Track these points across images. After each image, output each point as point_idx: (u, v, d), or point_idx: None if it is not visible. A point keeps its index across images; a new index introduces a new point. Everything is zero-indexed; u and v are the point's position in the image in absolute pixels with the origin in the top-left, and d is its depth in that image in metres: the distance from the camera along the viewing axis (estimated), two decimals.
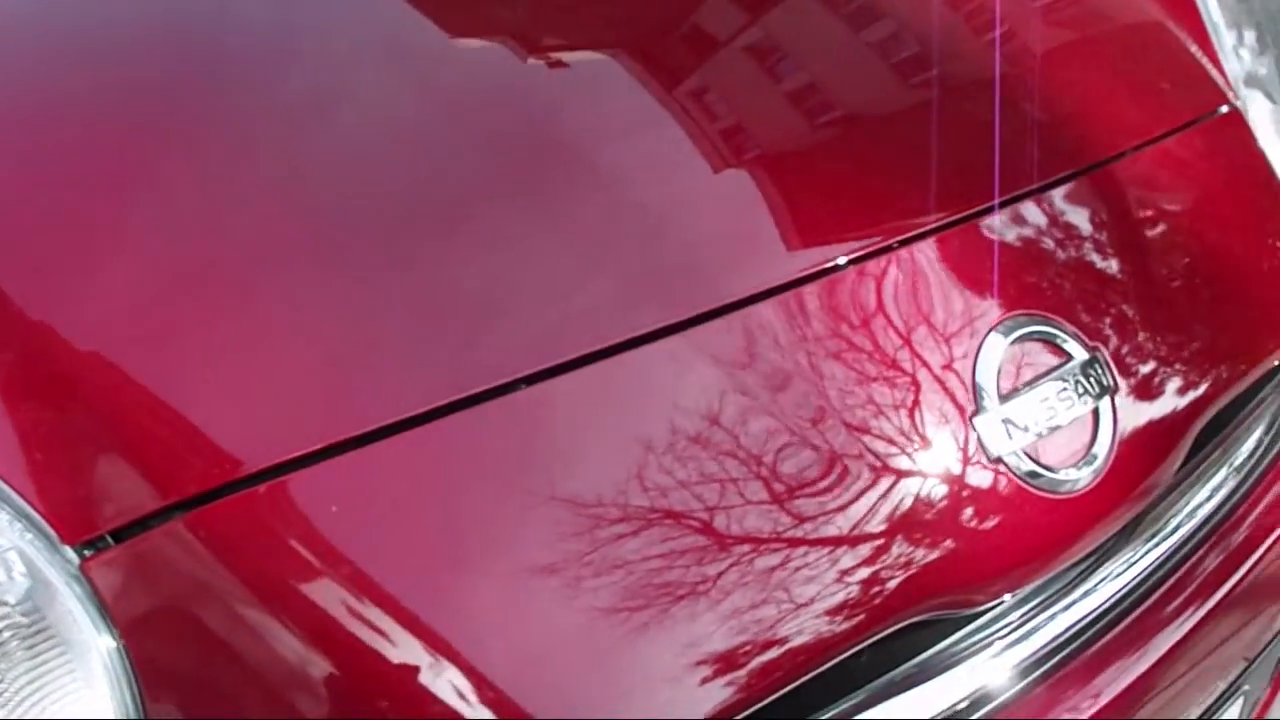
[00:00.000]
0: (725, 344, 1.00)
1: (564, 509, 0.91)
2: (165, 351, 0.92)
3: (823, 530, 0.96)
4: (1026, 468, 1.04)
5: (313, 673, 0.85)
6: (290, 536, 0.87)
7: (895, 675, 1.02)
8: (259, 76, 1.12)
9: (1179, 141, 1.42)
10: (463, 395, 0.91)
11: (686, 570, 0.91)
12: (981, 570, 1.01)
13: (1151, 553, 1.19)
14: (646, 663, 0.89)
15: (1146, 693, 1.17)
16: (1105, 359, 1.12)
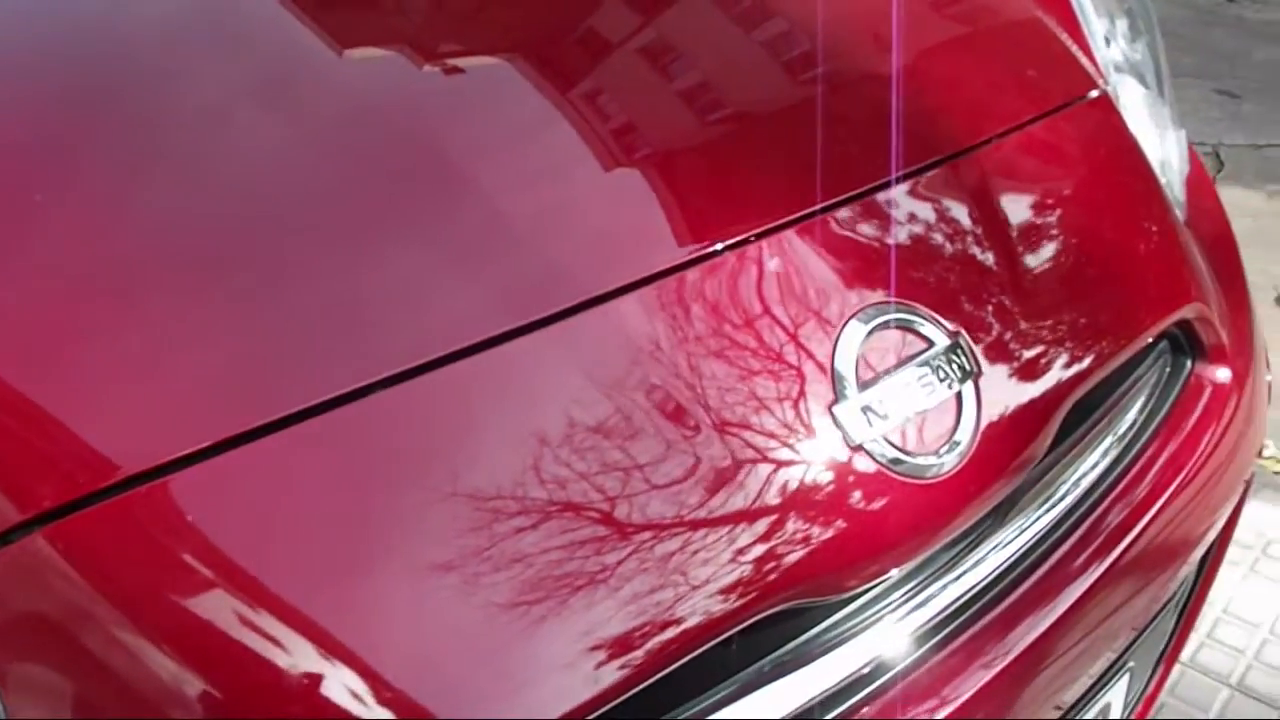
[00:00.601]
0: (590, 339, 1.01)
1: (433, 504, 0.91)
2: (23, 364, 0.91)
3: (692, 521, 0.96)
4: (890, 454, 1.05)
5: (188, 685, 0.84)
6: (157, 546, 0.86)
7: (765, 663, 1.02)
8: (137, 90, 1.11)
9: (1046, 126, 1.44)
10: (329, 396, 0.91)
11: (560, 564, 0.92)
12: (853, 556, 1.02)
13: (1034, 524, 1.20)
14: (530, 654, 0.89)
15: (1041, 660, 1.18)
16: (967, 344, 1.13)
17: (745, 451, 1.00)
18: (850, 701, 1.06)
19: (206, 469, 0.87)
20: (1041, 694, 1.21)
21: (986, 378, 1.14)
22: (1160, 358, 1.47)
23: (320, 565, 0.88)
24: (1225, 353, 1.51)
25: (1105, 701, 1.37)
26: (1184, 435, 1.44)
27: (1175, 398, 1.46)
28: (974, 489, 1.09)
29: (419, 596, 0.88)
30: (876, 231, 1.17)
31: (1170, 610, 1.55)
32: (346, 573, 0.88)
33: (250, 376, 0.92)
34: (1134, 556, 1.31)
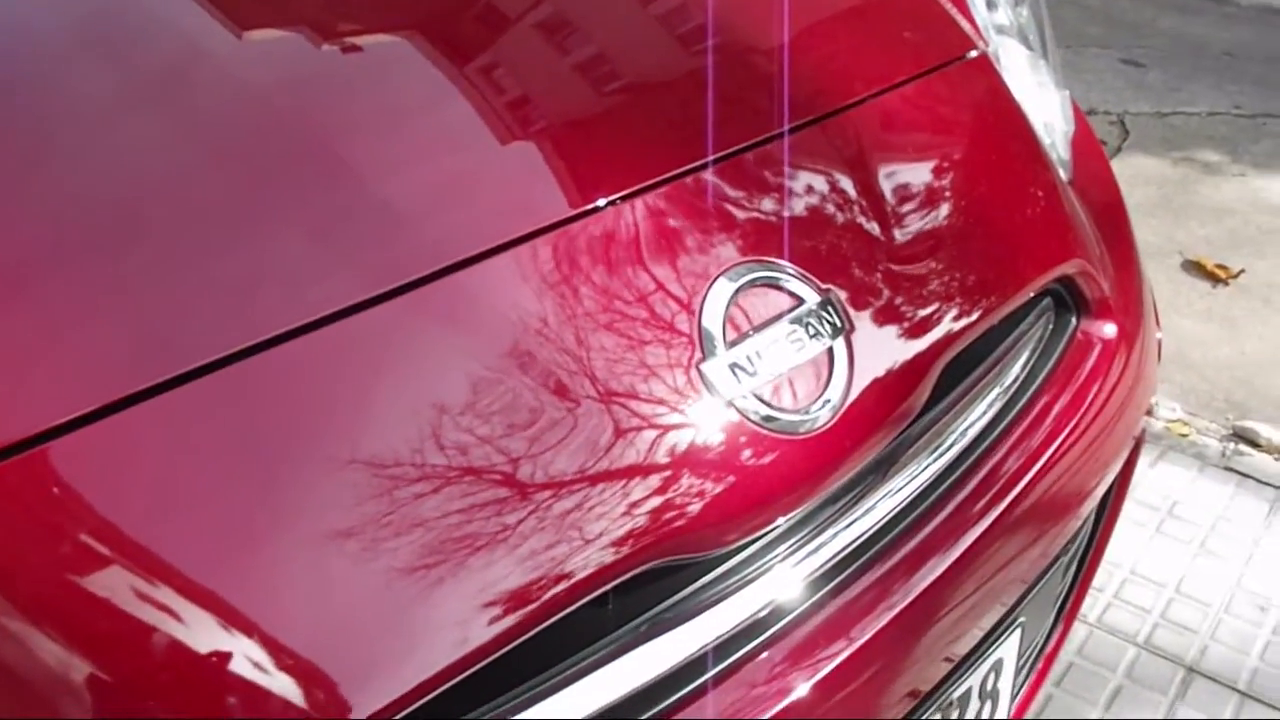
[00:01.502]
0: (461, 301, 1.01)
1: (310, 466, 0.91)
2: None
3: (565, 481, 0.96)
4: (761, 411, 1.05)
5: (75, 664, 0.82)
6: (40, 516, 0.84)
7: (642, 622, 1.03)
8: (22, 78, 1.09)
9: (923, 85, 1.44)
10: (206, 362, 0.90)
11: (433, 528, 0.91)
12: (727, 512, 1.02)
13: (919, 476, 1.21)
14: (406, 616, 0.89)
15: (930, 611, 1.19)
16: (839, 300, 1.13)
17: (616, 410, 0.99)
18: (732, 657, 1.06)
19: (88, 435, 0.86)
20: (932, 646, 1.22)
21: (859, 334, 1.14)
22: (1044, 314, 1.48)
23: (208, 533, 0.87)
24: (1110, 308, 1.52)
25: (997, 657, 1.37)
26: (1071, 390, 1.45)
27: (1060, 353, 1.47)
28: (849, 443, 1.10)
29: (303, 563, 0.87)
30: (747, 191, 1.17)
31: (1063, 566, 1.56)
32: (232, 540, 0.88)
33: (128, 345, 0.91)
34: (1022, 510, 1.32)
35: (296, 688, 0.84)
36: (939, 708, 1.29)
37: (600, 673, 0.99)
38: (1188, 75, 5.02)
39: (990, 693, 1.39)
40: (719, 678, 1.06)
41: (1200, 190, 4.02)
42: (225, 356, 0.92)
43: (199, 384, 0.90)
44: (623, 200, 1.10)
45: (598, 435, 0.98)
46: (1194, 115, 4.64)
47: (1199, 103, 4.73)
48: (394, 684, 0.87)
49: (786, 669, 1.08)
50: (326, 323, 0.96)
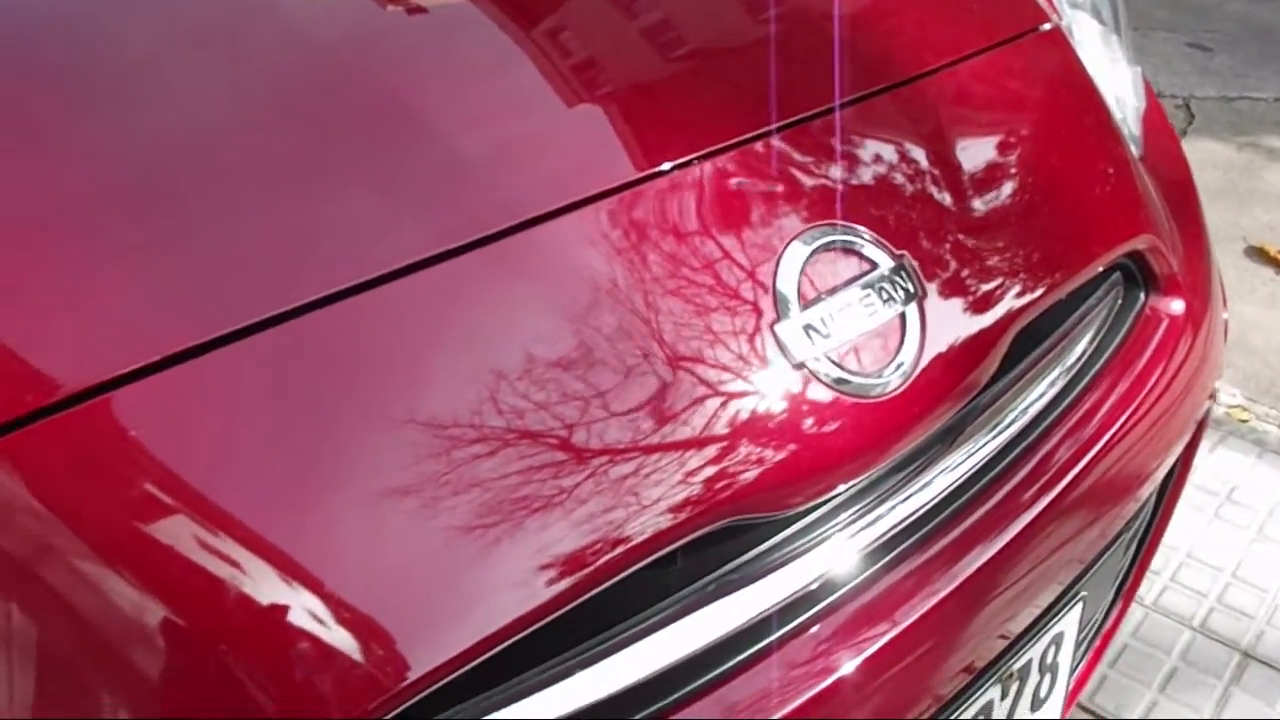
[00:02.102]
0: (532, 257, 1.01)
1: (377, 423, 0.91)
2: None
3: (634, 439, 0.97)
4: (834, 374, 1.05)
5: (142, 608, 0.83)
6: (105, 463, 0.85)
7: (709, 582, 1.03)
8: (86, 26, 1.10)
9: (996, 56, 1.44)
10: (274, 313, 0.91)
11: (504, 484, 0.92)
12: (796, 473, 1.02)
13: (983, 450, 1.21)
14: (472, 573, 0.89)
15: (987, 586, 1.19)
16: (912, 266, 1.13)
17: (688, 369, 1.00)
18: (793, 623, 1.06)
19: (155, 385, 0.87)
20: (989, 622, 1.22)
21: (931, 301, 1.14)
22: (1113, 289, 1.47)
23: (272, 486, 0.88)
24: (1179, 285, 1.51)
25: (1059, 630, 1.37)
26: (1138, 366, 1.45)
27: (1128, 329, 1.46)
28: (918, 410, 1.10)
29: (366, 518, 0.88)
30: (822, 156, 1.17)
31: (1125, 543, 1.56)
32: (296, 494, 0.88)
33: (195, 295, 0.92)
34: (1084, 486, 1.31)
35: (356, 643, 0.85)
36: (999, 679, 1.29)
37: (666, 631, 0.99)
38: (1255, 60, 4.96)
39: (1050, 666, 1.39)
40: (780, 641, 1.06)
41: (1265, 176, 3.98)
42: (292, 309, 0.92)
43: (267, 335, 0.91)
44: (697, 162, 1.10)
45: (669, 393, 0.99)
46: (1260, 100, 4.59)
47: (1266, 88, 4.68)
48: (454, 641, 0.87)
49: (845, 637, 1.08)
50: (394, 277, 0.96)
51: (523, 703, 0.93)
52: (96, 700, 0.84)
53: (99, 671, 0.84)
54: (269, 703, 0.83)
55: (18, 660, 0.83)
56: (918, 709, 1.17)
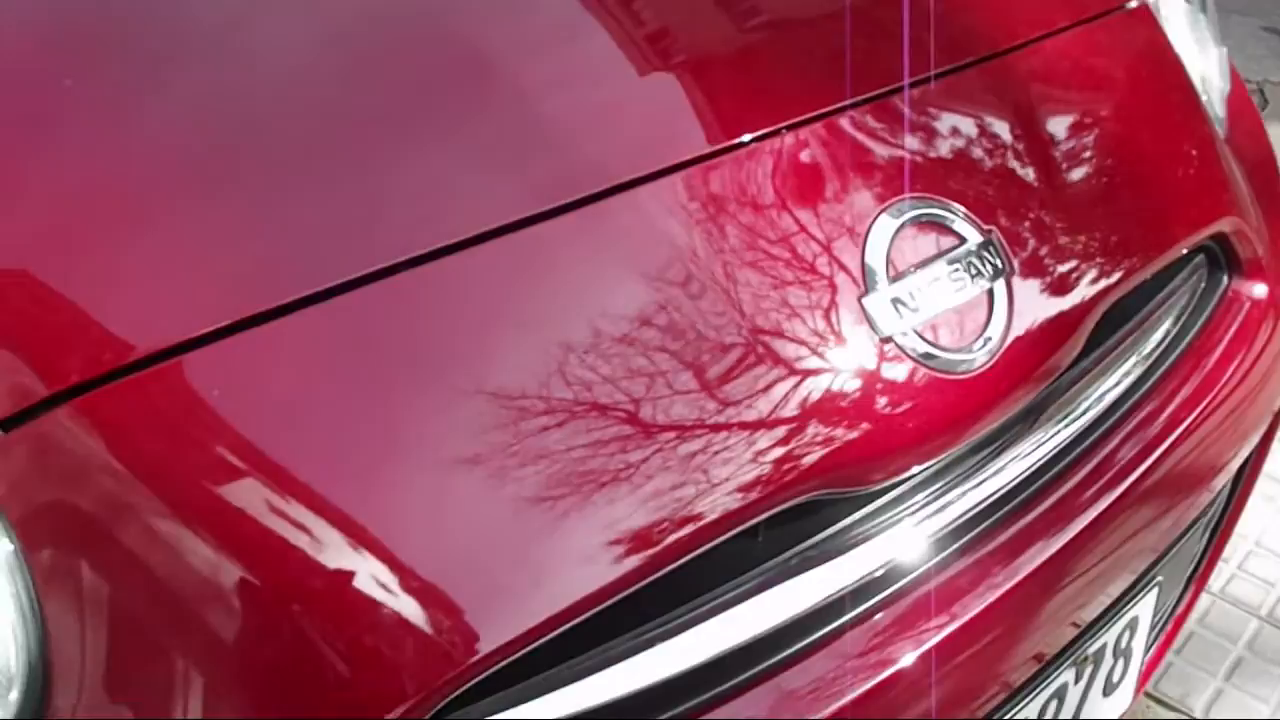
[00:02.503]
0: (616, 225, 1.00)
1: (455, 391, 0.91)
2: (50, 248, 0.91)
3: (719, 410, 0.96)
4: (920, 348, 1.03)
5: (215, 566, 0.84)
6: (182, 422, 0.86)
7: (797, 553, 1.02)
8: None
9: (1084, 33, 1.41)
10: (350, 278, 0.91)
11: (585, 453, 0.91)
12: (881, 448, 1.01)
13: (1059, 434, 1.19)
14: (553, 543, 0.89)
15: (1059, 575, 1.17)
16: (1000, 242, 1.12)
17: (773, 341, 0.99)
18: (869, 602, 1.05)
19: (231, 347, 0.87)
20: (1061, 608, 1.20)
21: (1019, 278, 1.13)
22: (1196, 272, 1.45)
23: (344, 450, 0.88)
24: (1263, 269, 1.49)
25: (1133, 615, 1.36)
26: (1219, 351, 1.42)
27: (1211, 312, 1.44)
28: (1004, 388, 1.08)
29: (441, 486, 0.87)
30: (907, 130, 1.16)
31: (1200, 530, 1.54)
32: (368, 460, 0.88)
33: (272, 259, 0.93)
34: (1161, 472, 1.29)
35: (427, 614, 0.84)
36: (1074, 663, 1.28)
37: (749, 604, 0.99)
38: None
39: (1124, 651, 1.38)
40: (856, 620, 1.05)
41: None
42: (371, 273, 0.92)
43: (345, 299, 0.91)
44: (783, 133, 1.09)
45: (752, 365, 0.98)
46: None
47: None
48: (527, 616, 0.86)
49: (919, 619, 1.07)
50: (472, 243, 0.96)
51: (599, 675, 0.92)
52: (167, 658, 0.84)
53: (170, 630, 0.85)
54: (341, 668, 0.83)
55: (90, 617, 0.84)
56: (990, 693, 1.16)
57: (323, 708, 0.83)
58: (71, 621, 0.84)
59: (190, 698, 0.84)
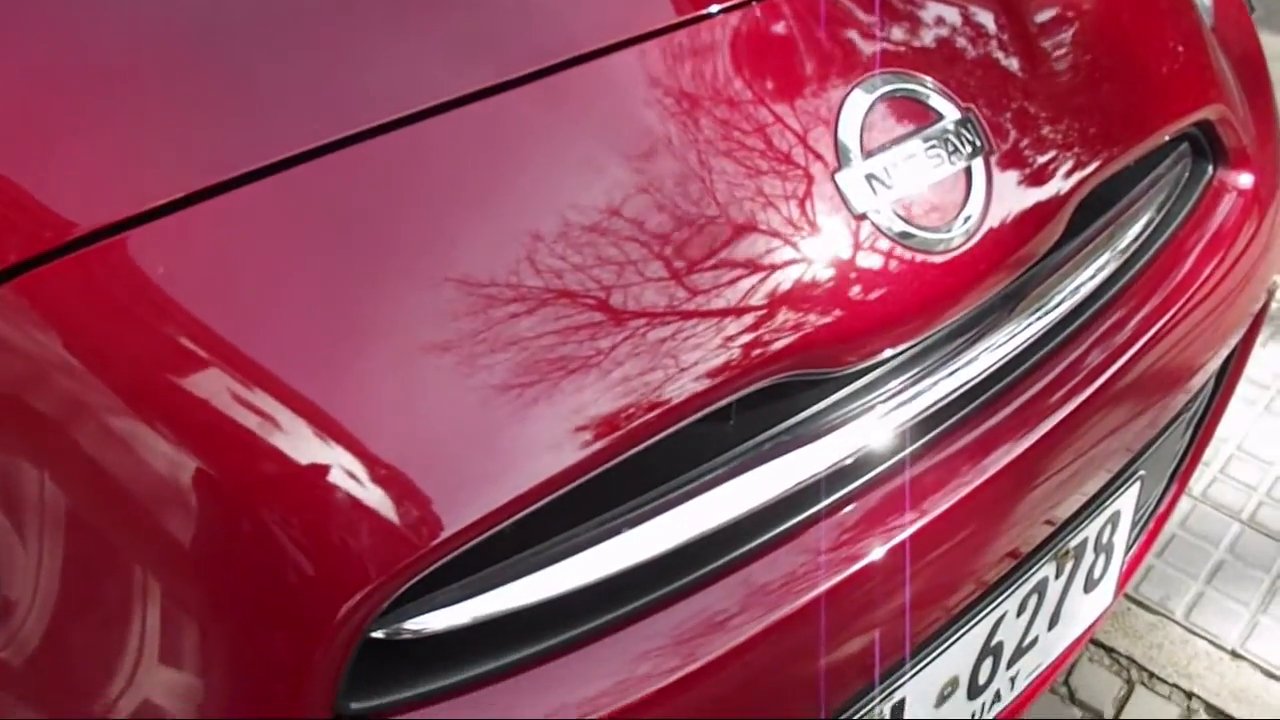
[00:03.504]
0: (581, 96, 0.96)
1: (413, 273, 0.87)
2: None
3: (690, 288, 0.92)
4: (897, 227, 1.00)
5: (170, 458, 0.80)
6: (136, 303, 0.82)
7: (770, 437, 0.99)
8: None
9: None
10: (304, 149, 0.87)
11: (551, 340, 0.87)
12: (855, 328, 0.98)
13: (1036, 324, 1.16)
14: (523, 420, 0.85)
15: (1031, 471, 1.15)
16: (978, 119, 1.08)
17: (743, 218, 0.95)
18: (841, 492, 1.03)
19: (178, 223, 0.84)
20: (1035, 506, 1.18)
21: (997, 157, 1.09)
22: (1180, 161, 1.42)
23: (298, 331, 0.84)
24: (1248, 159, 1.45)
25: (1115, 509, 1.33)
26: (1203, 240, 1.39)
27: (1195, 202, 1.40)
28: (981, 270, 1.05)
29: (401, 370, 0.84)
30: (887, 3, 1.11)
31: (1183, 426, 1.51)
32: (323, 340, 0.84)
33: (219, 131, 0.88)
34: (1140, 367, 1.27)
35: (390, 499, 0.81)
36: (1054, 556, 1.26)
37: (722, 488, 0.96)
38: None
39: (1105, 546, 1.36)
40: (831, 509, 1.02)
41: None
42: (329, 143, 0.88)
43: (301, 172, 0.87)
44: (754, 3, 1.05)
45: (723, 242, 0.95)
46: None
47: None
48: (489, 498, 0.83)
49: (889, 512, 1.05)
50: (434, 113, 0.91)
51: (571, 560, 0.89)
52: (119, 555, 0.81)
53: (121, 524, 0.81)
54: (302, 557, 0.80)
55: (35, 515, 0.81)
56: (966, 584, 1.14)
57: (284, 597, 0.80)
58: (16, 521, 0.80)
59: (147, 596, 0.81)
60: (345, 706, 0.84)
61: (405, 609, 0.84)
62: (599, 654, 0.91)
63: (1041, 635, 1.32)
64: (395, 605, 0.83)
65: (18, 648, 0.81)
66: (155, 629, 0.81)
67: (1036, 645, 1.32)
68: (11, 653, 0.81)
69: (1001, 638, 1.24)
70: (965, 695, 1.24)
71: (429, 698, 0.86)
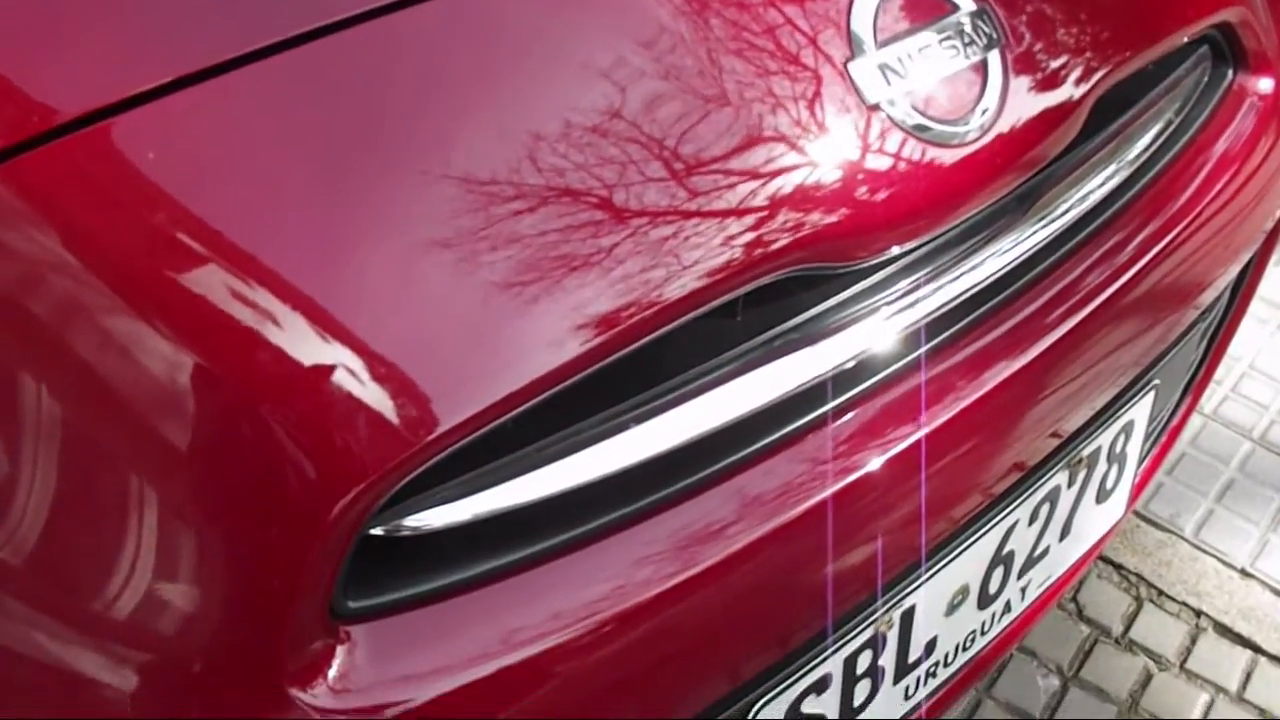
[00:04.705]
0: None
1: (409, 163, 0.85)
2: None
3: (698, 179, 0.90)
4: (911, 119, 0.97)
5: (162, 352, 0.78)
6: (125, 191, 0.79)
7: (777, 335, 0.97)
8: None
9: None
10: (296, 33, 0.84)
11: (553, 237, 0.85)
12: (867, 221, 0.95)
13: (1048, 228, 1.13)
14: (516, 327, 0.83)
15: (1039, 379, 1.13)
16: (995, 12, 1.05)
17: (754, 107, 0.92)
18: (847, 395, 1.02)
19: (166, 108, 0.81)
20: (1043, 416, 1.16)
21: (1014, 52, 1.05)
22: (1200, 64, 1.38)
23: (292, 223, 0.82)
24: (1269, 63, 1.42)
25: (1129, 418, 1.31)
26: (1221, 146, 1.36)
27: (1214, 106, 1.37)
28: (996, 165, 1.02)
29: (397, 265, 0.81)
30: None
31: (1198, 337, 1.49)
32: (327, 238, 0.82)
33: (208, 12, 0.85)
34: (1154, 276, 1.24)
35: (386, 395, 0.79)
36: (1066, 464, 1.23)
37: (721, 390, 0.94)
38: None
39: (1118, 456, 1.34)
40: (837, 411, 1.00)
41: None
42: (331, 24, 0.85)
43: (299, 56, 0.84)
44: None
45: (732, 132, 0.92)
46: None
47: None
48: (487, 392, 0.81)
49: (896, 417, 1.04)
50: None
51: (575, 456, 0.87)
52: (112, 457, 0.79)
53: (112, 424, 0.79)
54: (297, 453, 0.78)
55: (24, 417, 0.78)
56: (974, 492, 1.12)
57: (279, 492, 0.78)
58: (10, 416, 0.78)
59: (143, 493, 0.79)
60: (343, 604, 0.82)
61: (405, 505, 0.82)
62: (600, 556, 0.90)
63: (1053, 546, 1.30)
64: (395, 502, 0.81)
65: (15, 547, 0.79)
66: (152, 526, 0.79)
67: (1048, 556, 1.31)
68: (9, 552, 0.79)
69: (1013, 547, 1.22)
70: (975, 604, 1.23)
71: (427, 597, 0.84)
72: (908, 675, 1.20)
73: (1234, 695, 1.85)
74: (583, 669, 0.89)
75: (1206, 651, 1.89)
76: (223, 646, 0.81)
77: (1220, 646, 1.90)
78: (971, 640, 1.27)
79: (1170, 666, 1.87)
